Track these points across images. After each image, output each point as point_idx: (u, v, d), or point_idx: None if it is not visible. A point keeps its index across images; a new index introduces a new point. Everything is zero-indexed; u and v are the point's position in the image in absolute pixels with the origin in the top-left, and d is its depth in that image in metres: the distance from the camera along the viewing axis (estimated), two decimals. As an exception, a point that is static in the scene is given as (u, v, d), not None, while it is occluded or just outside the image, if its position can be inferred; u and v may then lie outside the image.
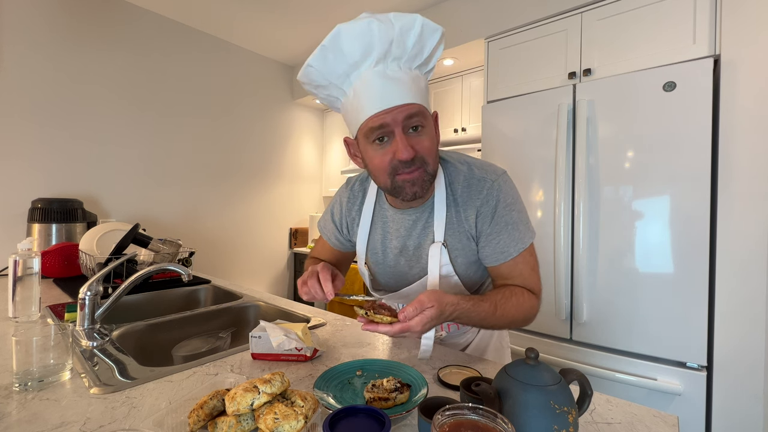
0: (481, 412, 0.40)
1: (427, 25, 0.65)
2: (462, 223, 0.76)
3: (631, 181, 1.45)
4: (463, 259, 0.78)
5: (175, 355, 1.01)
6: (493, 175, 0.75)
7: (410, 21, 0.63)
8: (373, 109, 0.65)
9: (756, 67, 1.31)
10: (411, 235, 0.80)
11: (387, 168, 0.68)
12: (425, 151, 0.67)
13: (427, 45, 0.67)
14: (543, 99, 1.67)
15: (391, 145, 0.66)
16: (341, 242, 0.94)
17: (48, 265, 1.51)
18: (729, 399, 1.32)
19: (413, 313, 0.59)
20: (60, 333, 0.68)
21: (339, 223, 0.92)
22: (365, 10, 2.43)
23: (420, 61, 0.68)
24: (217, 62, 2.77)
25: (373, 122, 0.65)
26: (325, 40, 0.63)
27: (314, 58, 0.65)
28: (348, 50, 0.64)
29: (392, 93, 0.64)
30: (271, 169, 3.19)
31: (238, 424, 0.48)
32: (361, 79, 0.66)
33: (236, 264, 2.96)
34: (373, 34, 0.62)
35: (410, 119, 0.65)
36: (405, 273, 0.83)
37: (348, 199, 0.90)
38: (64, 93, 2.07)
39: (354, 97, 0.67)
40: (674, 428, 0.54)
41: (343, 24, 0.62)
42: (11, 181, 1.91)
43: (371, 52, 0.64)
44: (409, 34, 0.64)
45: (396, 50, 0.64)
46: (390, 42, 0.63)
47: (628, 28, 1.60)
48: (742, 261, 1.31)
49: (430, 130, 0.69)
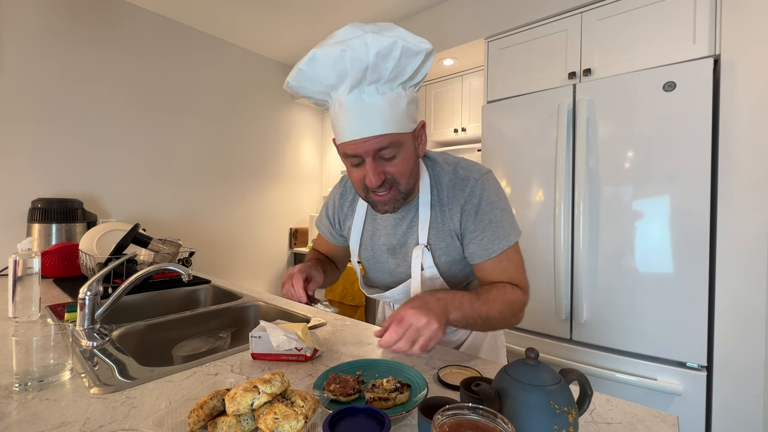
0: (481, 412, 0.40)
1: (407, 49, 0.61)
2: (447, 222, 0.78)
3: (631, 181, 1.45)
4: (446, 257, 0.80)
5: (175, 355, 1.01)
6: (477, 174, 0.77)
7: (388, 46, 0.60)
8: (348, 136, 0.67)
9: (756, 67, 1.31)
10: (396, 233, 0.83)
11: (361, 185, 0.72)
12: (397, 175, 0.70)
13: (409, 66, 0.64)
14: (543, 99, 1.67)
15: (363, 168, 0.69)
16: (335, 237, 0.97)
17: (48, 265, 1.51)
18: (729, 399, 1.32)
19: (394, 339, 0.60)
20: (60, 333, 0.68)
21: (332, 219, 0.95)
22: (364, 11, 2.43)
23: (402, 80, 0.66)
24: (217, 62, 2.77)
25: (347, 148, 0.68)
26: (301, 63, 0.64)
27: (294, 78, 0.67)
28: (323, 75, 0.64)
29: (364, 123, 0.65)
30: (271, 169, 3.19)
31: (238, 424, 0.48)
32: (339, 101, 0.66)
33: (236, 264, 2.96)
34: (345, 61, 0.61)
35: (382, 150, 0.66)
36: (393, 270, 0.86)
37: (341, 195, 0.93)
38: (64, 93, 2.07)
39: (334, 114, 0.69)
40: (674, 428, 0.54)
41: (318, 49, 0.62)
42: (11, 181, 1.91)
43: (345, 78, 0.63)
44: (388, 58, 0.61)
45: (371, 75, 0.63)
46: (365, 69, 0.61)
47: (628, 28, 1.60)
48: (742, 261, 1.31)
49: (405, 154, 0.70)
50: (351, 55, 0.60)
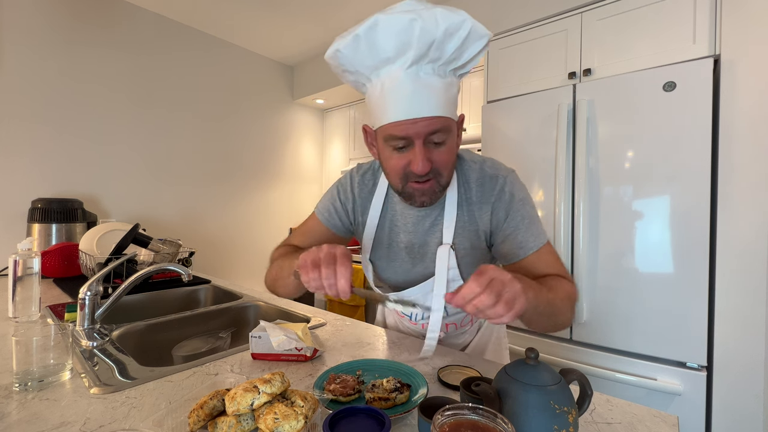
0: (481, 412, 0.40)
1: (475, 30, 0.59)
2: (474, 222, 0.75)
3: (631, 181, 1.45)
4: (470, 259, 0.76)
5: (175, 355, 1.01)
6: (504, 171, 0.75)
7: (457, 24, 0.57)
8: (398, 116, 0.61)
9: (756, 67, 1.31)
10: (418, 231, 0.78)
11: (400, 173, 0.66)
12: (441, 164, 0.65)
13: (469, 50, 0.61)
14: (543, 99, 1.67)
15: (408, 154, 0.64)
16: (340, 229, 0.85)
17: (48, 265, 1.51)
18: (729, 399, 1.32)
19: (475, 291, 0.48)
20: (60, 333, 0.68)
21: (345, 209, 0.84)
22: (364, 11, 2.43)
23: (457, 65, 0.62)
24: (217, 62, 2.77)
25: (395, 130, 0.62)
26: (360, 29, 0.57)
27: (345, 45, 0.60)
28: (382, 45, 0.58)
29: (420, 102, 0.60)
30: (271, 169, 3.19)
31: (238, 424, 0.48)
32: (390, 77, 0.60)
33: (236, 264, 2.96)
34: (413, 33, 0.56)
35: (433, 134, 0.62)
36: (408, 270, 0.81)
37: (359, 184, 0.84)
38: (64, 93, 2.07)
39: (381, 92, 0.62)
40: (674, 428, 0.54)
41: (382, 15, 0.56)
42: (11, 181, 1.91)
43: (407, 51, 0.58)
44: (453, 37, 0.58)
45: (434, 53, 0.58)
46: (430, 44, 0.57)
47: (628, 28, 1.60)
48: (743, 261, 1.31)
49: (451, 143, 0.66)
50: (421, 25, 0.55)
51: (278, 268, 0.75)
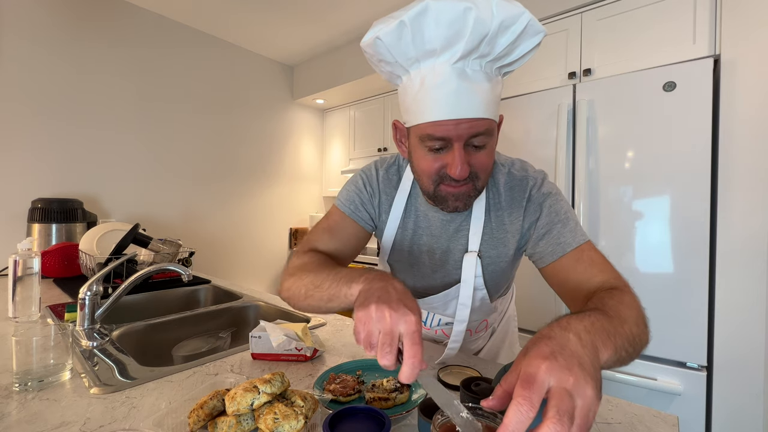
0: (481, 412, 0.40)
1: (532, 25, 0.53)
2: (503, 229, 0.71)
3: (631, 181, 1.45)
4: (493, 267, 0.73)
5: (175, 355, 1.01)
6: (533, 172, 0.71)
7: (514, 16, 0.52)
8: (439, 115, 0.55)
9: (756, 67, 1.31)
10: (441, 235, 0.74)
11: (433, 175, 0.61)
12: (480, 168, 0.60)
13: (521, 47, 0.56)
14: (543, 99, 1.67)
15: (445, 156, 0.59)
16: (367, 223, 0.77)
17: (48, 265, 1.51)
18: (729, 399, 1.32)
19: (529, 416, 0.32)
20: (60, 333, 0.68)
21: (371, 195, 0.77)
22: (364, 11, 2.43)
23: (505, 63, 0.58)
24: (217, 62, 2.77)
25: (434, 130, 0.56)
26: (406, 16, 0.51)
27: (387, 33, 0.54)
28: (429, 35, 0.52)
29: (465, 101, 0.54)
30: (270, 169, 3.19)
31: (238, 424, 0.48)
32: (434, 71, 0.55)
33: (236, 264, 2.96)
34: (466, 24, 0.50)
35: (475, 137, 0.57)
36: (427, 275, 0.77)
37: (383, 178, 0.78)
38: (64, 93, 2.07)
39: (420, 86, 0.57)
40: (674, 428, 0.54)
41: (433, 1, 0.50)
42: (11, 181, 1.91)
43: (456, 44, 0.52)
44: (507, 32, 0.53)
45: (485, 48, 0.53)
46: (482, 37, 0.52)
47: (628, 28, 1.60)
48: (742, 261, 1.31)
49: (491, 146, 0.61)
50: (476, 15, 0.50)
51: (312, 287, 0.58)
